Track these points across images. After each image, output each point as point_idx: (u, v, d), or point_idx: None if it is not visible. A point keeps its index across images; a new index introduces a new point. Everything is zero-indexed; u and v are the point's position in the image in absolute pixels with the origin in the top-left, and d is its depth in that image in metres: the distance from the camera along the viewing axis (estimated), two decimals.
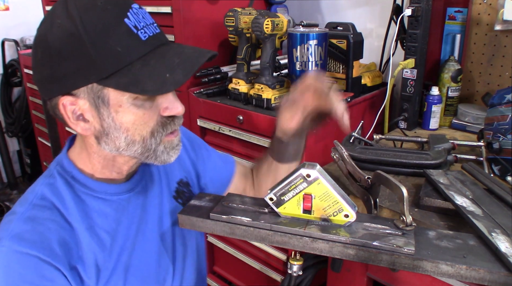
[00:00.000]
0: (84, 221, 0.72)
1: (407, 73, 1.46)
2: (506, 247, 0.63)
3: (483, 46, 1.45)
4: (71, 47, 0.62)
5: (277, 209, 0.72)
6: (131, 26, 0.63)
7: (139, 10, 0.66)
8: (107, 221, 0.75)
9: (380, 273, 1.06)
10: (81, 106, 0.66)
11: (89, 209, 0.74)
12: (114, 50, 0.62)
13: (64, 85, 0.65)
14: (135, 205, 0.80)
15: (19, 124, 3.10)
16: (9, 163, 3.26)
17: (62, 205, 0.71)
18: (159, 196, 0.86)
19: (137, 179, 0.81)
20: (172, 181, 0.90)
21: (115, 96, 0.65)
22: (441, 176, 0.98)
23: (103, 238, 0.74)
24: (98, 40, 0.61)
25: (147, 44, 0.65)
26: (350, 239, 0.65)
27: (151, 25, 0.67)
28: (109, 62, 0.62)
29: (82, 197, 0.74)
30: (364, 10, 1.81)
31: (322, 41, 1.32)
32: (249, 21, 1.46)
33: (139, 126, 0.68)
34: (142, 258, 0.79)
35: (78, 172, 0.75)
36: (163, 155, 0.72)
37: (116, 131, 0.68)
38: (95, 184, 0.75)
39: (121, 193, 0.78)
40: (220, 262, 1.84)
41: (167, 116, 0.70)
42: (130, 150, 0.70)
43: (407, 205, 0.66)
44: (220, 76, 1.62)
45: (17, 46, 2.94)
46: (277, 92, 1.43)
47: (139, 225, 0.80)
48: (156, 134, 0.69)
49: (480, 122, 1.37)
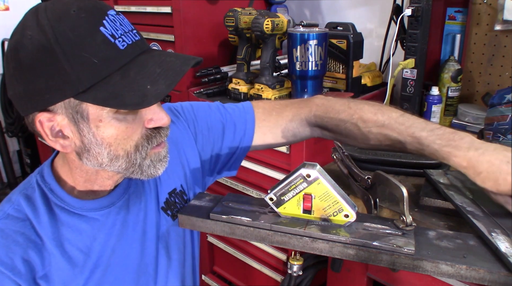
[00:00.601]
0: (56, 238, 0.70)
1: (407, 73, 1.46)
2: (506, 247, 0.63)
3: (483, 46, 1.45)
4: (43, 61, 0.58)
5: (277, 209, 0.72)
6: (107, 35, 0.59)
7: (116, 16, 0.62)
8: (81, 237, 0.72)
9: (380, 273, 1.06)
10: (59, 122, 0.62)
11: (61, 225, 0.71)
12: (90, 62, 0.58)
13: (39, 102, 0.60)
14: (114, 220, 0.75)
15: (19, 124, 3.10)
16: (9, 163, 3.26)
17: (35, 218, 0.69)
18: (144, 209, 0.81)
19: (119, 192, 0.76)
20: (162, 192, 0.84)
21: (95, 110, 0.61)
22: (441, 176, 0.98)
23: (74, 255, 0.71)
24: (72, 52, 0.57)
25: (126, 54, 0.61)
26: (350, 239, 0.65)
27: (130, 32, 0.63)
28: (85, 76, 0.58)
29: (57, 211, 0.71)
30: (364, 10, 1.81)
31: (322, 41, 1.32)
32: (249, 21, 1.46)
33: (122, 140, 0.64)
34: (119, 275, 0.76)
35: (57, 185, 0.71)
36: (149, 169, 0.68)
37: (97, 147, 0.64)
38: (72, 199, 0.71)
39: (99, 208, 0.74)
40: (220, 262, 1.84)
41: (152, 129, 0.67)
42: (113, 166, 0.66)
43: (407, 205, 0.66)
44: (220, 76, 1.62)
45: None
46: (277, 92, 1.43)
47: (118, 241, 0.76)
48: (141, 148, 0.66)
49: (480, 122, 1.37)
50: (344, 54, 1.46)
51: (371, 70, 1.67)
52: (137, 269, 0.79)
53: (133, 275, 0.79)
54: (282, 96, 1.44)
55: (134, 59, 0.62)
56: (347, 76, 1.49)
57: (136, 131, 0.65)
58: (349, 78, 1.49)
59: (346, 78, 1.49)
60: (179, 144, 0.86)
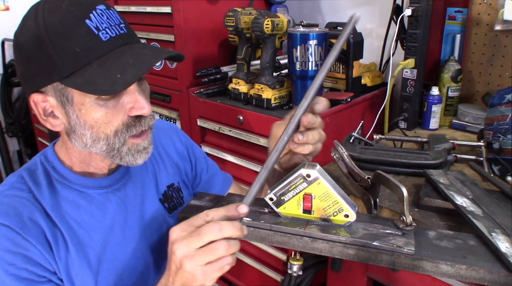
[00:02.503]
0: (56, 210, 0.75)
1: (407, 73, 1.46)
2: (506, 247, 0.63)
3: (483, 46, 1.45)
4: (35, 48, 0.65)
5: (277, 209, 0.72)
6: (92, 27, 0.65)
7: (105, 11, 0.67)
8: (79, 212, 0.77)
9: (380, 273, 1.06)
10: (51, 104, 0.70)
11: (62, 199, 0.76)
12: (73, 50, 0.64)
13: (33, 84, 0.68)
14: (113, 201, 0.81)
15: (19, 124, 3.10)
16: (9, 163, 3.26)
17: (37, 190, 0.74)
18: (141, 195, 0.86)
19: (116, 176, 0.82)
20: (161, 183, 0.91)
21: (78, 95, 0.67)
22: (441, 176, 0.98)
23: (74, 227, 0.76)
24: (58, 41, 0.64)
25: (107, 45, 0.66)
26: (350, 239, 0.65)
27: (116, 25, 0.68)
28: (68, 63, 0.64)
29: (57, 187, 0.76)
30: (364, 10, 1.81)
31: (322, 41, 1.32)
32: (249, 21, 1.46)
33: (103, 124, 0.69)
34: (118, 253, 0.80)
35: (59, 163, 0.78)
36: (127, 156, 0.73)
37: (81, 128, 0.70)
38: (73, 176, 0.77)
39: (97, 187, 0.79)
40: None
41: (134, 117, 0.71)
42: (96, 147, 0.71)
43: (407, 205, 0.66)
44: (220, 76, 1.62)
45: None
46: (277, 92, 1.43)
47: (115, 221, 0.80)
48: (120, 134, 0.70)
49: (480, 122, 1.37)
50: (344, 54, 1.46)
51: (371, 70, 1.67)
52: (135, 248, 0.83)
53: (132, 253, 0.82)
54: (282, 96, 1.44)
55: (113, 50, 0.67)
56: (347, 76, 1.49)
57: (116, 117, 0.69)
58: (349, 78, 1.49)
59: (346, 78, 1.49)
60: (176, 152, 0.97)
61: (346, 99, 1.44)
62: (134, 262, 0.82)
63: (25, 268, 0.69)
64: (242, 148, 1.51)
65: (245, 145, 1.49)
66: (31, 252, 0.70)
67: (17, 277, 0.68)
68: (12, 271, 0.68)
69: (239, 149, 1.53)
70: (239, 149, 1.53)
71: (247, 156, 1.50)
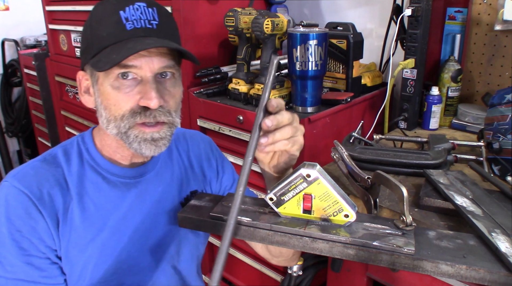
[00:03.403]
0: (79, 188, 0.79)
1: (407, 73, 1.46)
2: (506, 247, 0.63)
3: (483, 46, 1.45)
4: (84, 31, 0.76)
5: (277, 209, 0.72)
6: (122, 17, 0.71)
7: (142, 7, 0.72)
8: (99, 194, 0.81)
9: (380, 273, 1.06)
10: (88, 82, 0.78)
11: (87, 179, 0.81)
12: (101, 35, 0.72)
13: (81, 62, 0.79)
14: (132, 193, 0.84)
15: (19, 124, 3.10)
16: (9, 163, 3.26)
17: (67, 167, 0.80)
18: (160, 194, 0.88)
19: (142, 170, 0.86)
20: (185, 188, 0.94)
21: (102, 76, 0.73)
22: (441, 176, 0.98)
23: (88, 208, 0.79)
24: (95, 25, 0.73)
25: (127, 33, 0.71)
26: (350, 239, 0.65)
27: (146, 20, 0.72)
28: (95, 45, 0.72)
29: (86, 168, 0.82)
30: (364, 10, 1.81)
31: (322, 41, 1.32)
32: (249, 21, 1.46)
33: (113, 107, 0.74)
34: (123, 242, 0.82)
35: (93, 146, 0.84)
36: (134, 142, 0.75)
37: (100, 108, 0.76)
38: (102, 160, 0.83)
39: (122, 176, 0.83)
40: None
41: (142, 107, 0.73)
42: (110, 129, 0.76)
43: (407, 205, 0.66)
44: (220, 76, 1.62)
45: (17, 46, 2.94)
46: (277, 92, 1.43)
47: (129, 212, 0.83)
48: (125, 119, 0.74)
49: (480, 122, 1.37)
50: (344, 54, 1.46)
51: (371, 70, 1.66)
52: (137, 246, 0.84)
53: (133, 248, 0.84)
54: (282, 96, 1.44)
55: (131, 38, 0.71)
56: (347, 76, 1.49)
57: (126, 102, 0.73)
58: (349, 78, 1.49)
59: (346, 78, 1.49)
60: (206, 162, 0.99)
61: (346, 99, 1.44)
62: (136, 255, 0.84)
63: (28, 238, 0.73)
64: (242, 148, 1.51)
65: (245, 145, 1.48)
66: (39, 224, 0.74)
67: (18, 245, 0.72)
68: (16, 236, 0.72)
69: (239, 149, 1.53)
70: (239, 149, 1.52)
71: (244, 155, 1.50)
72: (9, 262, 0.73)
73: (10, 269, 0.73)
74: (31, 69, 2.62)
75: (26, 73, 2.74)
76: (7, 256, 0.72)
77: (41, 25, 2.43)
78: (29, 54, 2.68)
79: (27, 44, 3.03)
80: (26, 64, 2.68)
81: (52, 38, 2.33)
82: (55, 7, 2.22)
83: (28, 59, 2.63)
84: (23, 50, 2.91)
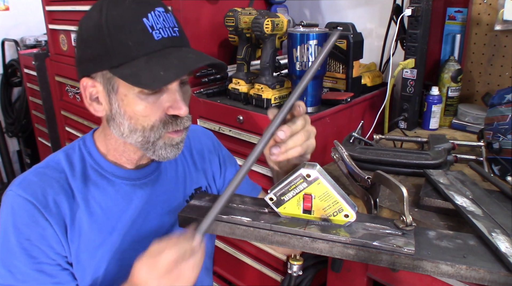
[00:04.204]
0: (84, 193, 0.79)
1: (407, 73, 1.46)
2: (506, 247, 0.63)
3: (483, 46, 1.45)
4: (94, 35, 0.70)
5: (277, 209, 0.72)
6: (147, 25, 0.69)
7: (162, 13, 0.72)
8: (105, 198, 0.80)
9: (380, 273, 1.06)
10: (98, 90, 0.74)
11: (92, 183, 0.80)
12: (126, 44, 0.69)
13: (85, 68, 0.74)
14: (138, 194, 0.84)
15: (19, 124, 3.10)
16: (9, 163, 3.26)
17: (70, 172, 0.79)
18: (167, 193, 0.88)
19: (147, 171, 0.86)
20: (190, 185, 0.94)
21: (123, 85, 0.71)
22: (441, 176, 0.98)
23: (96, 212, 0.79)
24: (115, 32, 0.69)
25: (157, 44, 0.70)
26: (350, 239, 0.65)
27: (170, 28, 0.72)
28: (120, 54, 0.69)
29: (90, 172, 0.81)
30: (364, 10, 1.81)
31: (322, 41, 1.32)
32: (249, 21, 1.46)
33: (141, 117, 0.72)
34: (134, 245, 0.82)
35: (95, 149, 0.83)
36: (161, 149, 0.76)
37: (120, 117, 0.74)
38: (105, 163, 0.82)
39: (127, 178, 0.83)
40: (220, 262, 1.84)
41: (171, 116, 0.74)
42: (132, 137, 0.75)
43: (407, 205, 0.66)
44: (220, 76, 1.62)
45: (17, 46, 2.94)
46: (277, 92, 1.43)
47: (139, 215, 0.83)
48: (156, 129, 0.74)
49: (480, 122, 1.37)
50: (344, 54, 1.46)
51: (371, 70, 1.66)
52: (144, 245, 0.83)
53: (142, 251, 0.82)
54: (282, 96, 1.44)
55: (162, 49, 0.70)
56: (347, 76, 1.49)
57: (155, 113, 0.73)
58: (349, 78, 1.49)
59: (346, 78, 1.49)
60: (209, 157, 1.00)
61: (346, 99, 1.44)
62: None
63: (37, 246, 0.73)
64: (242, 148, 1.51)
65: (245, 145, 1.49)
66: (47, 231, 0.73)
67: (28, 253, 0.72)
68: (26, 245, 0.72)
69: (239, 149, 1.53)
70: (239, 149, 1.52)
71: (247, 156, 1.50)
72: (20, 271, 0.72)
73: (21, 277, 0.72)
74: (31, 69, 2.62)
75: (26, 73, 2.73)
76: (17, 265, 0.72)
77: (41, 25, 2.43)
78: (29, 54, 2.68)
79: (27, 44, 3.03)
80: (26, 64, 2.68)
81: (52, 38, 2.33)
82: (55, 7, 2.22)
83: (28, 59, 2.63)
84: (23, 50, 2.90)
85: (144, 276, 0.64)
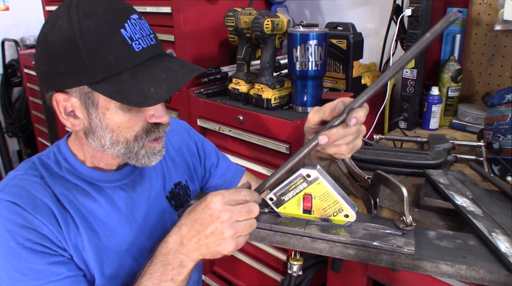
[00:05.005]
0: (66, 195, 0.77)
1: (407, 73, 1.46)
2: (506, 247, 0.63)
3: (483, 46, 1.45)
4: (67, 50, 0.66)
5: (277, 209, 0.72)
6: (126, 37, 0.67)
7: (137, 21, 0.70)
8: (88, 200, 0.79)
9: (380, 273, 1.06)
10: (73, 104, 0.71)
11: (72, 186, 0.78)
12: (106, 58, 0.66)
13: (58, 83, 0.70)
14: (119, 195, 0.83)
15: (19, 124, 3.10)
16: (9, 163, 3.26)
17: (49, 177, 0.77)
18: (148, 191, 0.88)
19: (125, 172, 0.84)
20: (169, 181, 0.93)
21: (104, 99, 0.69)
22: (441, 176, 0.98)
23: (83, 212, 0.78)
24: (92, 47, 0.65)
25: (139, 56, 0.68)
26: (350, 239, 0.65)
27: (147, 36, 0.71)
28: (100, 69, 0.66)
29: (68, 177, 0.79)
30: (364, 10, 1.81)
31: (322, 41, 1.32)
32: (249, 21, 1.46)
33: (124, 129, 0.72)
34: (122, 245, 0.82)
35: (71, 155, 0.80)
36: (143, 158, 0.76)
37: (102, 130, 0.72)
38: (83, 168, 0.80)
39: (106, 181, 0.81)
40: (220, 262, 1.84)
41: (153, 123, 0.74)
42: (114, 149, 0.74)
43: (407, 205, 0.66)
44: (220, 76, 1.62)
45: (17, 46, 2.94)
46: (277, 92, 1.43)
47: (123, 215, 0.82)
48: (139, 139, 0.74)
49: (480, 122, 1.37)
50: (344, 54, 1.46)
51: (371, 70, 1.66)
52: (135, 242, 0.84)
53: (132, 251, 0.83)
54: (282, 96, 1.44)
55: (145, 61, 0.69)
56: (347, 76, 1.49)
57: (137, 123, 0.72)
58: (349, 78, 1.49)
59: (346, 78, 1.49)
60: (187, 150, 1.00)
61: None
62: (137, 256, 0.84)
63: (39, 243, 0.71)
64: (242, 148, 1.51)
65: (245, 145, 1.49)
66: (43, 230, 0.72)
67: (33, 251, 0.70)
68: (28, 245, 0.70)
69: (239, 148, 1.53)
70: (239, 148, 1.52)
71: (247, 156, 1.50)
72: (34, 270, 0.70)
73: (37, 276, 0.70)
74: (31, 69, 2.62)
75: (26, 73, 2.73)
76: (29, 266, 0.70)
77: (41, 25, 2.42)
78: (29, 54, 2.68)
79: (27, 44, 3.03)
80: (26, 64, 2.68)
81: None
82: (55, 7, 2.22)
83: (28, 59, 2.63)
84: (23, 50, 2.90)
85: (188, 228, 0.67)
